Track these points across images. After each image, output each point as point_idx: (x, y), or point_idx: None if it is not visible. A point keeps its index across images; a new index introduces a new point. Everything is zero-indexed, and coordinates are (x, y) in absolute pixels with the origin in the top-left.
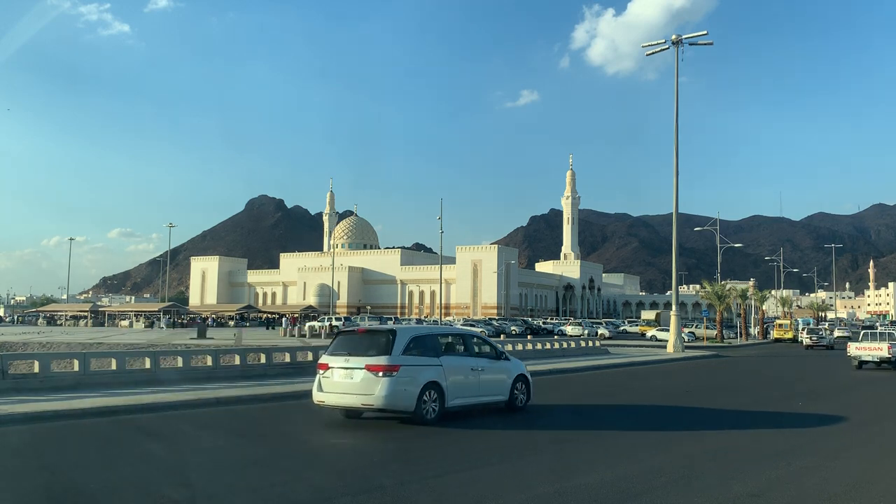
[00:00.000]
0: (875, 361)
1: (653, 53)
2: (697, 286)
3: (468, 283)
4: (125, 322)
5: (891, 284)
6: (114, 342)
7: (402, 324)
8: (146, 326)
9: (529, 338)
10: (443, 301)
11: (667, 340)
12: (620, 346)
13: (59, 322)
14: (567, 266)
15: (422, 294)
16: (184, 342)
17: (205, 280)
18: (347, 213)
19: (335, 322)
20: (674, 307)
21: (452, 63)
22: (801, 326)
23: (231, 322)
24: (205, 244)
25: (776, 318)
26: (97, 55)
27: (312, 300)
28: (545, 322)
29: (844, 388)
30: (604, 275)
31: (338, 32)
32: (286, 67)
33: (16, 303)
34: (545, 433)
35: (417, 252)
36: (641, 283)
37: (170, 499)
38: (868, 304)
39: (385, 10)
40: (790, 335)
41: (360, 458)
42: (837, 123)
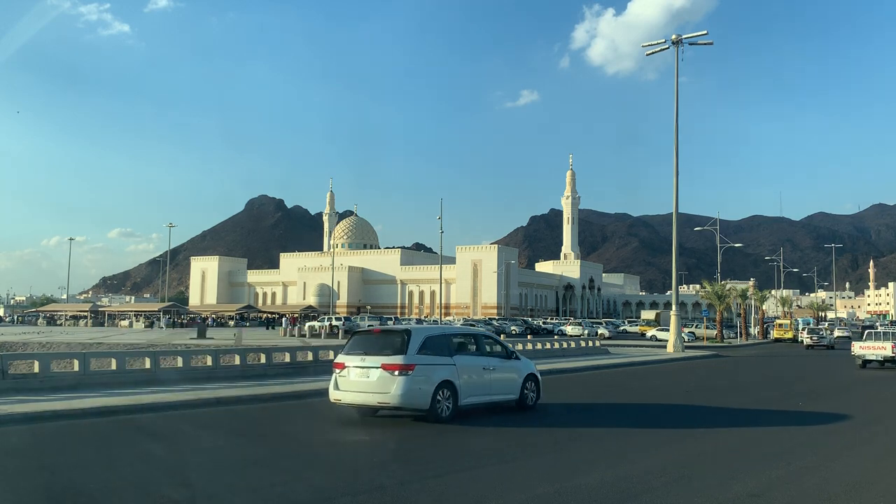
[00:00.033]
0: (879, 360)
1: (653, 53)
2: (697, 286)
3: (468, 283)
4: (125, 322)
5: (891, 284)
6: (114, 342)
7: (403, 324)
8: (146, 326)
9: (529, 338)
10: (443, 301)
11: (667, 340)
12: (620, 346)
13: (59, 322)
14: (567, 266)
15: (422, 294)
16: (184, 342)
17: (205, 280)
18: (347, 213)
19: (335, 322)
20: (674, 307)
21: (452, 63)
22: (801, 326)
23: (231, 322)
24: (205, 244)
25: (776, 318)
26: (97, 55)
27: (312, 300)
28: (545, 322)
29: (846, 388)
30: (604, 275)
31: (338, 32)
32: (286, 67)
33: (16, 303)
34: (557, 431)
35: (417, 252)
36: (641, 283)
37: (170, 499)
38: (868, 304)
39: (385, 10)
40: (790, 335)
41: (361, 458)
42: (837, 123)
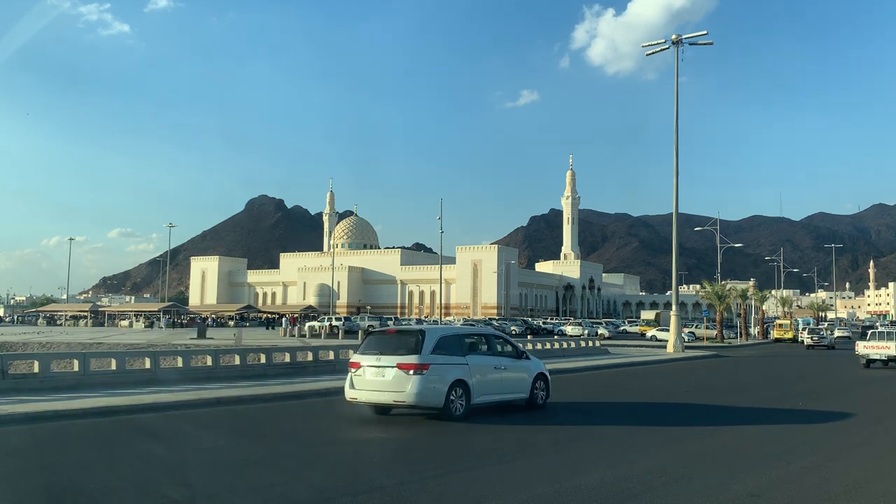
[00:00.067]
0: (882, 360)
1: (653, 53)
2: (697, 286)
3: (468, 283)
4: (125, 322)
5: (891, 284)
6: (114, 342)
7: (403, 324)
8: (146, 326)
9: (529, 338)
10: (443, 301)
11: (667, 340)
12: (620, 346)
13: (59, 322)
14: (567, 266)
15: (422, 294)
16: (184, 342)
17: (205, 280)
18: (347, 213)
19: (335, 322)
20: (674, 307)
21: (452, 63)
22: (802, 326)
23: (231, 322)
24: (205, 244)
25: (776, 318)
26: (97, 55)
27: (312, 300)
28: (545, 322)
29: (847, 387)
30: (604, 275)
31: (338, 32)
32: (286, 67)
33: (16, 303)
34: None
35: (417, 252)
36: (641, 283)
37: (170, 499)
38: (868, 304)
39: (385, 10)
40: (790, 335)
41: (361, 458)
42: (837, 123)
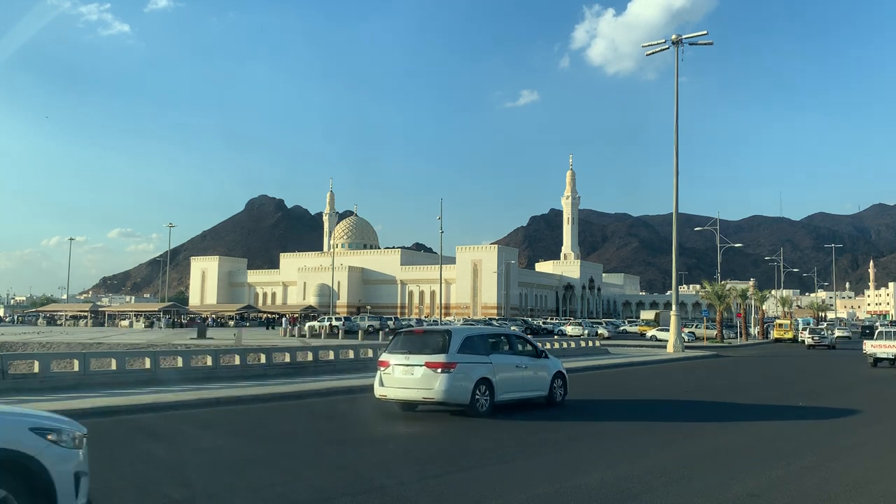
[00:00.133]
0: (890, 358)
1: (653, 53)
2: (697, 286)
3: (468, 283)
4: (125, 322)
5: (891, 284)
6: (114, 342)
7: (403, 324)
8: (146, 326)
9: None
10: (443, 301)
11: (666, 340)
12: (620, 346)
13: (59, 322)
14: (567, 266)
15: (422, 294)
16: (184, 342)
17: (205, 280)
18: (347, 213)
19: (335, 322)
20: (674, 307)
21: (452, 63)
22: (802, 326)
23: (231, 322)
24: (205, 244)
25: (776, 318)
26: (97, 55)
27: (312, 300)
28: (545, 322)
29: (849, 387)
30: (604, 275)
31: (338, 32)
32: (286, 67)
33: (16, 303)
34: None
35: (417, 252)
36: (641, 283)
37: (170, 499)
38: (868, 304)
39: (385, 10)
40: (790, 335)
41: (361, 458)
42: (837, 123)
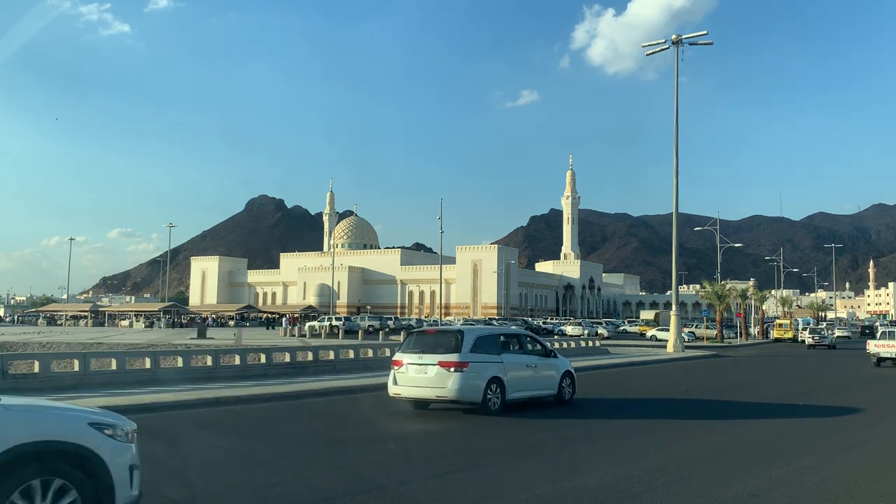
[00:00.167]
0: (893, 358)
1: (653, 53)
2: (697, 286)
3: (468, 283)
4: (125, 322)
5: (891, 284)
6: (114, 342)
7: (403, 324)
8: (146, 326)
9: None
10: (443, 301)
11: (666, 340)
12: (620, 346)
13: (59, 322)
14: (567, 266)
15: (422, 294)
16: (184, 342)
17: (205, 280)
18: (347, 213)
19: (335, 322)
20: (674, 307)
21: (452, 63)
22: (802, 326)
23: (231, 322)
24: (205, 244)
25: (776, 318)
26: (97, 55)
27: (312, 300)
28: (545, 322)
29: (850, 386)
30: (604, 275)
31: (338, 32)
32: (286, 67)
33: (16, 303)
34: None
35: (417, 252)
36: (641, 283)
37: (170, 499)
38: (868, 304)
39: (385, 10)
40: (790, 335)
41: (361, 458)
42: (837, 123)
